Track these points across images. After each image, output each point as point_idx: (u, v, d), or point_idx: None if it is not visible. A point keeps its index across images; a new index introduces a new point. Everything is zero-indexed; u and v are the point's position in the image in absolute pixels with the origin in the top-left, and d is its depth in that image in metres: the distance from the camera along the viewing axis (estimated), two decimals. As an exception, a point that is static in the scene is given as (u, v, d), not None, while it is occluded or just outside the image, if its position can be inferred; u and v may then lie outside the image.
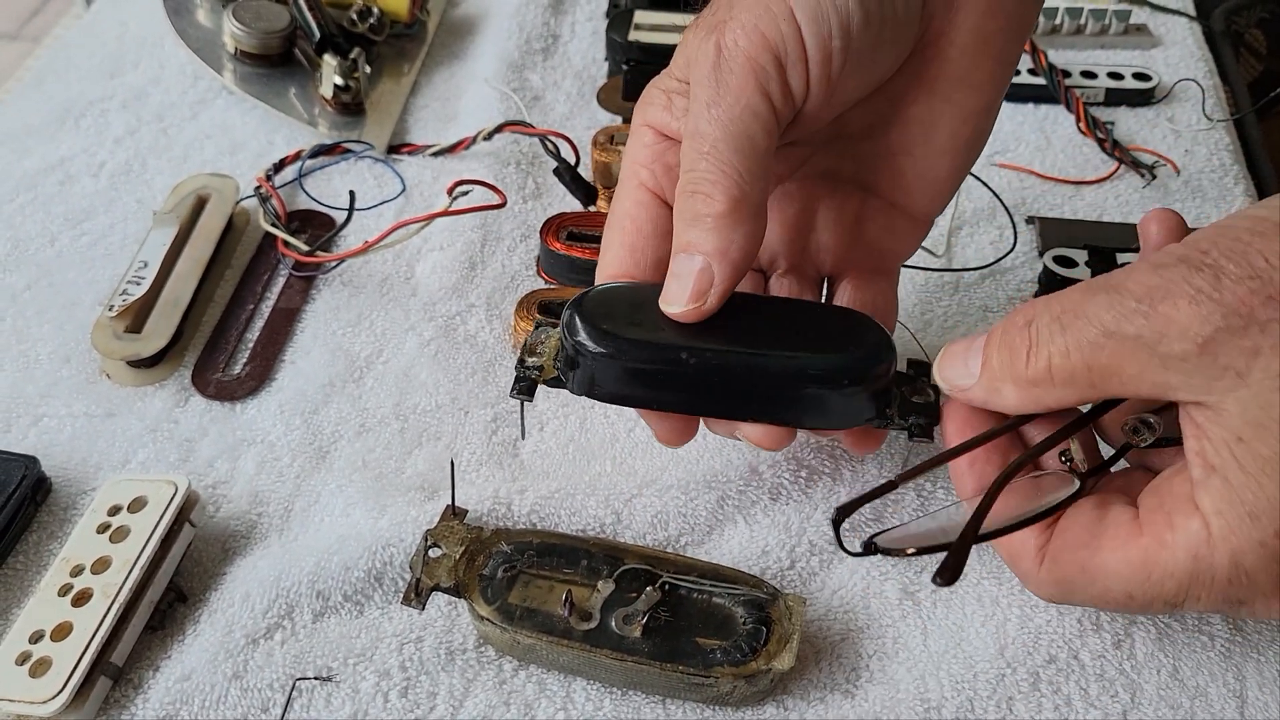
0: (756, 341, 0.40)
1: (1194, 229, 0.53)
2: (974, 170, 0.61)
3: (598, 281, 0.42)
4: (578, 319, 0.39)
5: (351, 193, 0.60)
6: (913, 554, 0.36)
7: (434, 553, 0.43)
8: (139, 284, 0.53)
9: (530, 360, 0.42)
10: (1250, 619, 0.42)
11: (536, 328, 0.43)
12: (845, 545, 0.36)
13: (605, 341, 0.39)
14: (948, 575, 0.33)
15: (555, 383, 0.42)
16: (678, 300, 0.38)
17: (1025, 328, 0.35)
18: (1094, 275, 0.54)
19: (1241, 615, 0.41)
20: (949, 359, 0.38)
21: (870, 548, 0.36)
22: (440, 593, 0.42)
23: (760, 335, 0.40)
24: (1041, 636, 0.42)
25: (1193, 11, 0.76)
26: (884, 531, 0.37)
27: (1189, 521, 0.33)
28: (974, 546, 0.35)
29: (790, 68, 0.38)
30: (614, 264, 0.41)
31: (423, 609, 0.42)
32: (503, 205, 0.55)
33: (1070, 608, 0.43)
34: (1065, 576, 0.36)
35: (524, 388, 0.42)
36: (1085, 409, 0.38)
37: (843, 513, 0.36)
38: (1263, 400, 0.30)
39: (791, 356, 0.39)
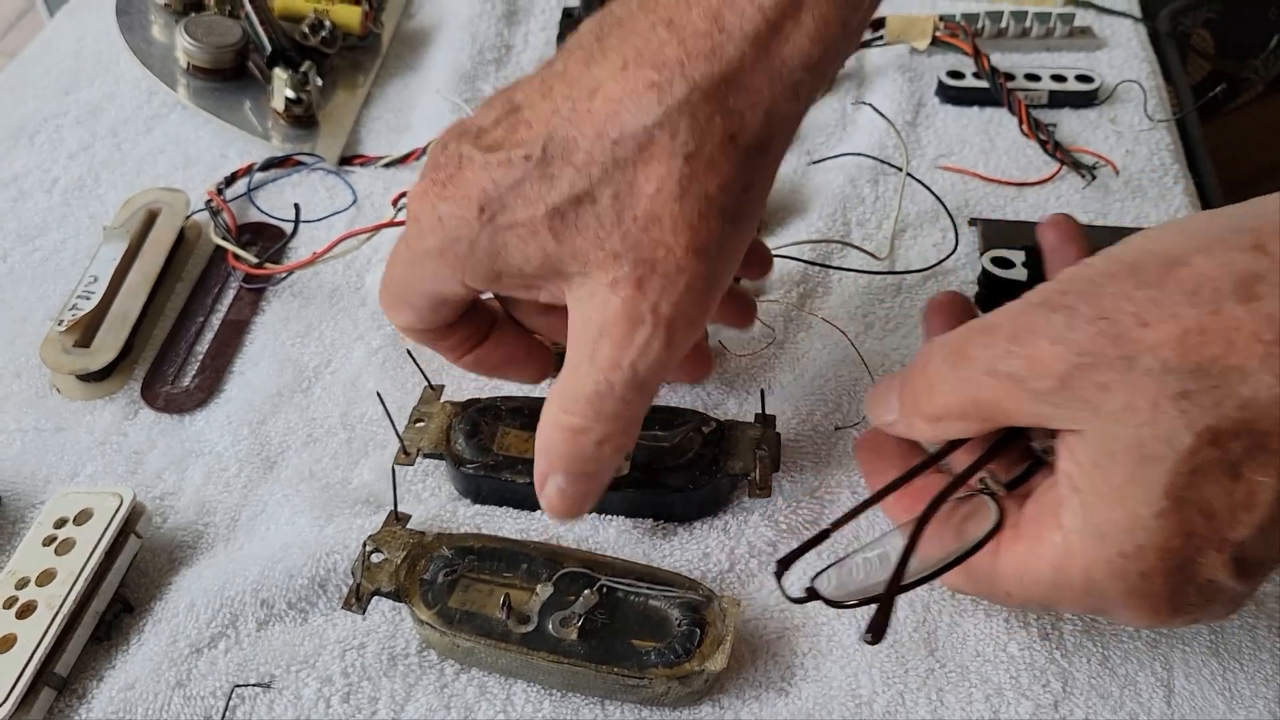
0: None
1: (1135, 227, 0.55)
2: (917, 174, 0.63)
3: None
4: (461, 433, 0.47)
5: (297, 205, 0.61)
6: (854, 605, 0.38)
7: (376, 558, 0.43)
8: (88, 298, 0.54)
9: (417, 425, 0.48)
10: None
11: (422, 401, 0.49)
12: (788, 593, 0.38)
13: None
14: (873, 636, 0.35)
15: (435, 456, 0.47)
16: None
17: (924, 369, 0.38)
18: (1030, 276, 0.55)
19: (1109, 620, 0.43)
20: (875, 399, 0.41)
21: (811, 594, 0.38)
22: (381, 597, 0.43)
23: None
24: (969, 636, 0.43)
25: (1138, 13, 0.77)
26: (825, 570, 0.39)
27: (1053, 535, 0.35)
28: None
29: None
30: None
31: (364, 614, 0.43)
32: (448, 215, 0.56)
33: (998, 609, 0.44)
34: (971, 570, 0.38)
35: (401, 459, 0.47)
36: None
37: (783, 565, 0.39)
38: (1112, 432, 0.32)
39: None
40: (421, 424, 0.49)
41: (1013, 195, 0.63)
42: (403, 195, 0.56)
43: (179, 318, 0.56)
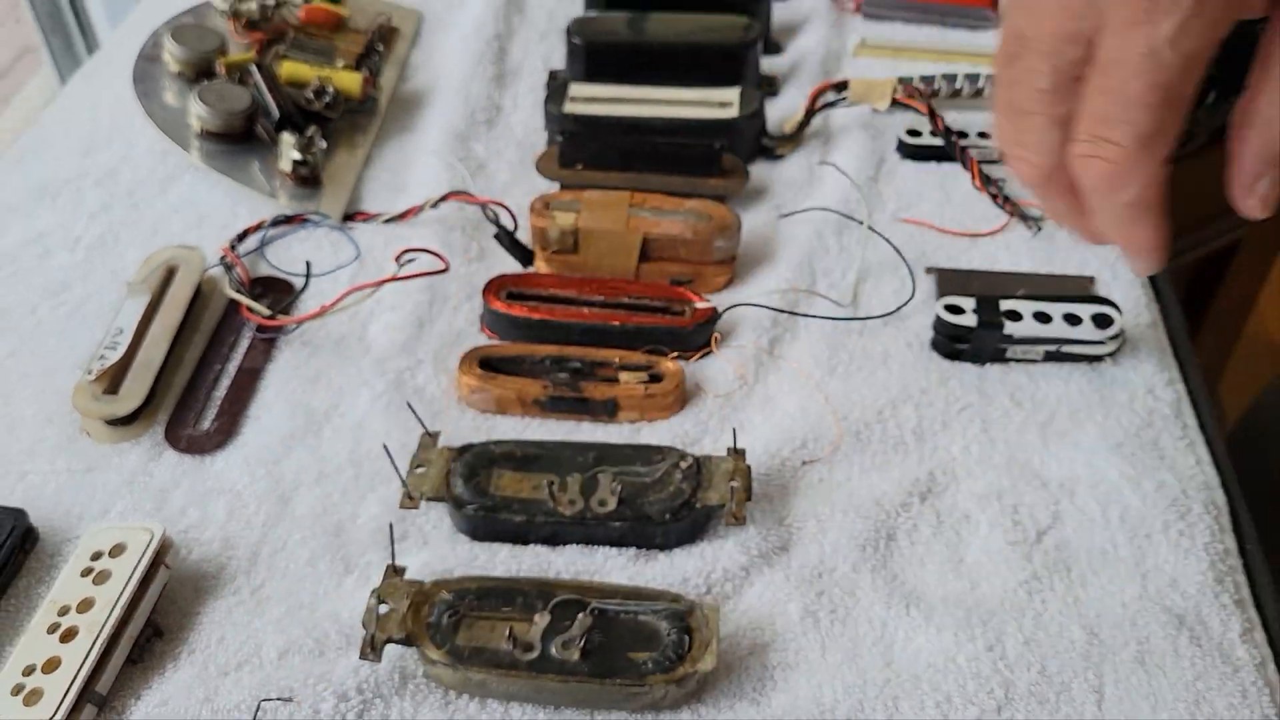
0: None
1: (1080, 276, 0.59)
2: (878, 227, 0.68)
3: None
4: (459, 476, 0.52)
5: (308, 263, 0.66)
6: None
7: (383, 609, 0.47)
8: (115, 349, 0.58)
9: (418, 470, 0.52)
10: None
11: (421, 448, 0.54)
12: None
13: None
14: None
15: (437, 499, 0.51)
16: None
17: None
18: (980, 321, 0.60)
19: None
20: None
21: None
22: (393, 644, 0.47)
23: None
24: (923, 650, 0.48)
25: (1083, 73, 0.83)
26: None
27: None
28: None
29: None
30: None
31: (379, 660, 0.47)
32: (446, 270, 0.61)
33: (949, 625, 0.49)
34: None
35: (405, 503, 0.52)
36: None
37: None
38: None
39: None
40: (422, 470, 0.53)
41: (966, 245, 0.69)
42: (405, 251, 0.61)
43: (198, 366, 0.61)
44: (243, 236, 0.67)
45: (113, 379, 0.58)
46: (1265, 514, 0.65)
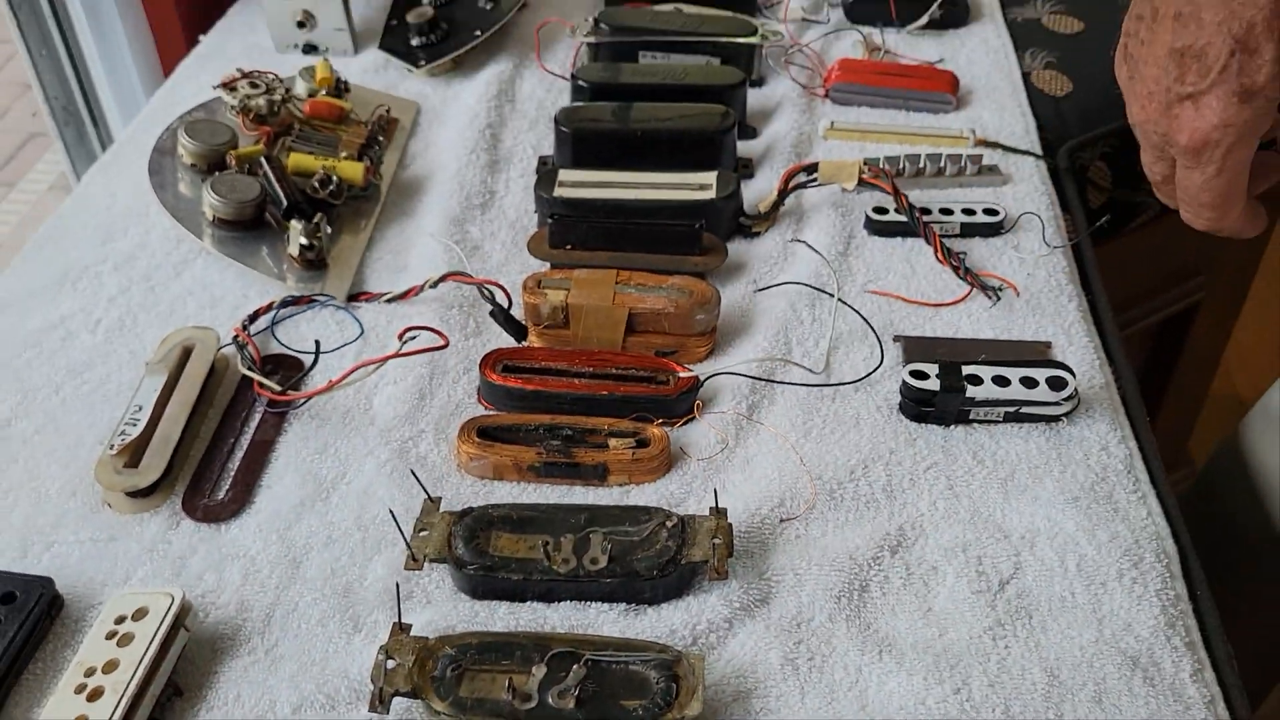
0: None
1: (1036, 341, 0.65)
2: (848, 298, 0.73)
3: None
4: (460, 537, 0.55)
5: (317, 342, 0.70)
6: None
7: (390, 664, 0.51)
8: (135, 425, 0.62)
9: (421, 533, 0.56)
10: None
11: (424, 512, 0.57)
12: None
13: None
14: None
15: (439, 561, 0.55)
16: None
17: None
18: (943, 386, 0.65)
19: None
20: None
21: None
22: (401, 697, 0.50)
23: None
24: (895, 693, 0.52)
25: (1039, 151, 0.89)
26: None
27: None
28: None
29: None
30: None
31: (387, 712, 0.50)
32: (445, 346, 0.65)
33: (919, 668, 0.52)
34: None
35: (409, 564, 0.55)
36: None
37: None
38: None
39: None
40: (425, 533, 0.57)
41: (930, 315, 0.73)
42: (408, 329, 0.66)
43: (213, 439, 0.65)
44: (254, 317, 0.71)
45: (133, 453, 0.61)
46: (1220, 560, 0.69)
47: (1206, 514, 0.87)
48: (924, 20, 1.03)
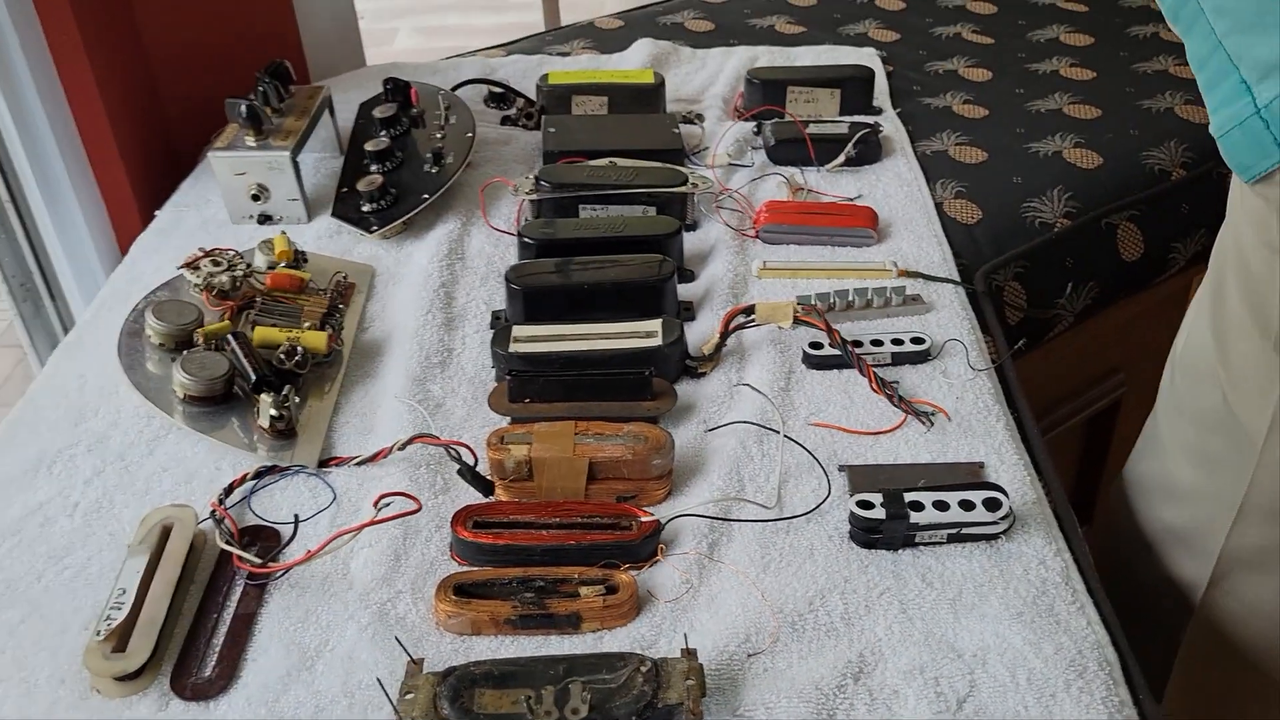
0: None
1: (970, 462, 0.71)
2: (793, 432, 0.78)
3: None
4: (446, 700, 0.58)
5: (296, 516, 0.73)
6: None
7: (409, 696, 0.54)
8: (120, 609, 0.64)
9: (407, 697, 0.58)
10: None
11: (408, 675, 0.60)
12: None
13: None
14: None
15: None
16: None
17: None
18: (888, 514, 0.69)
19: None
20: None
21: None
22: None
23: None
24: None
25: (957, 277, 0.96)
26: None
27: None
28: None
29: None
30: None
31: None
32: (418, 511, 0.69)
33: None
34: None
35: None
36: None
37: None
38: None
39: None
40: (410, 696, 0.59)
41: (871, 443, 0.78)
42: (384, 496, 0.69)
43: (196, 615, 0.67)
44: (229, 490, 0.74)
45: (120, 638, 0.63)
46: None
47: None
48: (840, 160, 1.11)
